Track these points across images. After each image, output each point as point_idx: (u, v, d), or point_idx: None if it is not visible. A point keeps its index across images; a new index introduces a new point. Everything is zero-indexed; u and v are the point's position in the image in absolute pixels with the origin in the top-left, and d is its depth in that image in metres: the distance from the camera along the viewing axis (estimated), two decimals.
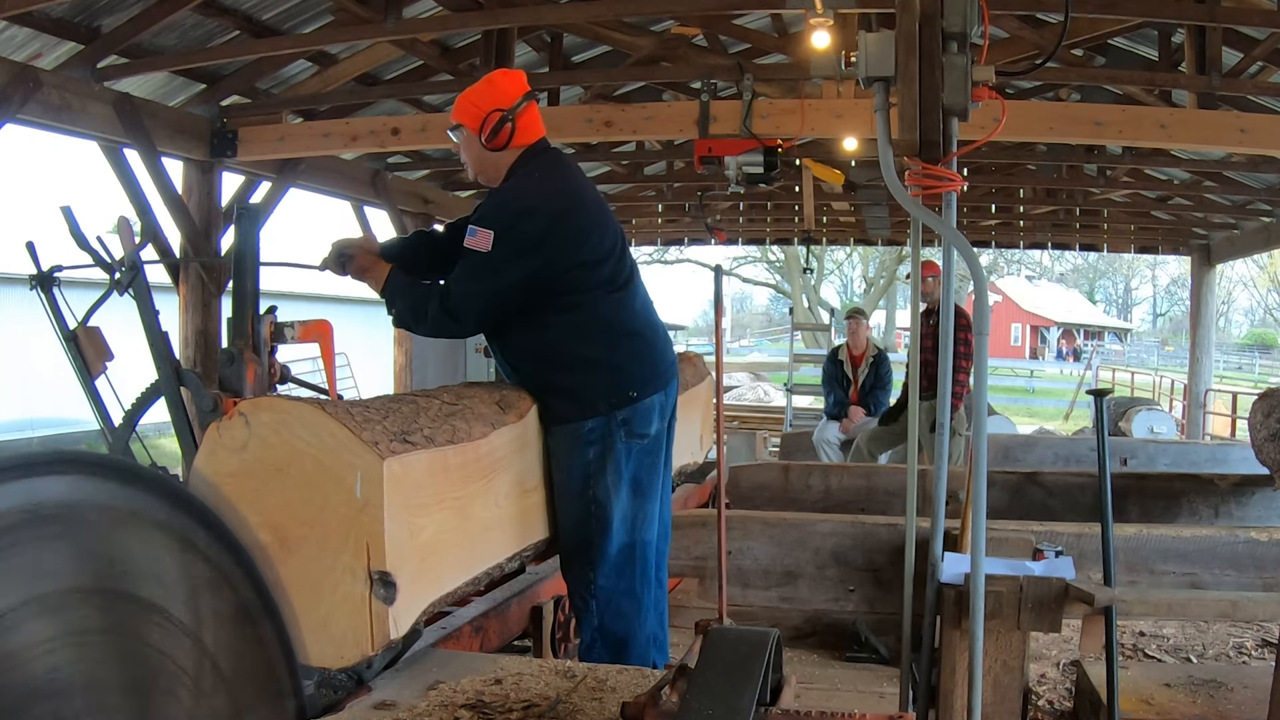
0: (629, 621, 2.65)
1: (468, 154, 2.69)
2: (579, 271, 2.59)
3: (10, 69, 4.72)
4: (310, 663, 1.91)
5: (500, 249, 2.50)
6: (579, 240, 2.58)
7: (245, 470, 1.99)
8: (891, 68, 2.37)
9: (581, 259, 2.58)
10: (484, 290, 2.55)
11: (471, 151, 2.68)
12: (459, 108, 2.68)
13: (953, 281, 2.59)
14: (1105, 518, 2.76)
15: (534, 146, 2.67)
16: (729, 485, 4.69)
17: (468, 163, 2.72)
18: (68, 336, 3.60)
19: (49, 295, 3.63)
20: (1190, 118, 5.44)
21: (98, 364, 3.63)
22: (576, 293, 2.60)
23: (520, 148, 2.65)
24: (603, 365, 2.61)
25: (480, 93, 2.65)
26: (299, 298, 14.86)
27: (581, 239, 2.58)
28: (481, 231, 2.52)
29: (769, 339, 45.72)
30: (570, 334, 2.61)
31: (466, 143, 2.67)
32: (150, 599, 1.23)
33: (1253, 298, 44.70)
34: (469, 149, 2.68)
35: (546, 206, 2.55)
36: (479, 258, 2.52)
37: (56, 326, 3.61)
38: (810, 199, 8.72)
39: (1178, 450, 6.90)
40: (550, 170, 2.66)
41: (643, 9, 5.59)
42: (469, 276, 2.55)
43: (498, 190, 2.66)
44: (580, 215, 2.60)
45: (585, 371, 2.61)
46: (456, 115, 2.68)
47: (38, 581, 1.12)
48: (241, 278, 3.29)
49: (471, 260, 2.54)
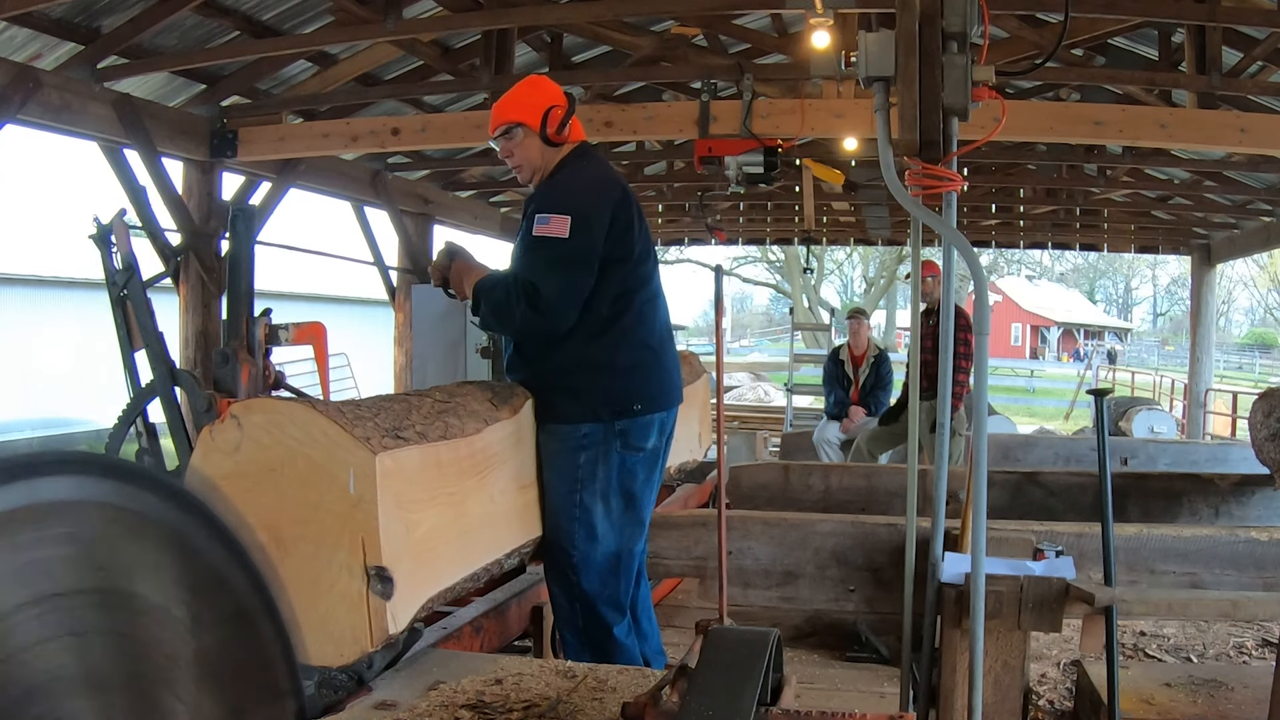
0: (611, 626, 2.66)
1: (524, 152, 2.69)
2: (622, 269, 2.60)
3: (10, 69, 4.72)
4: (310, 662, 1.91)
5: (579, 235, 2.50)
6: (624, 233, 2.61)
7: (239, 471, 2.00)
8: (891, 68, 2.37)
9: (627, 253, 2.61)
10: (574, 280, 2.52)
11: (530, 148, 2.68)
12: (511, 108, 2.68)
13: (953, 281, 2.59)
14: (1105, 517, 2.76)
15: (583, 145, 2.75)
16: (729, 485, 4.68)
17: (524, 162, 2.71)
18: (117, 300, 3.60)
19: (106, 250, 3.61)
20: (1190, 117, 5.44)
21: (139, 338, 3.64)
22: (611, 294, 2.59)
23: (574, 143, 2.71)
24: (615, 372, 2.61)
25: (530, 93, 2.69)
26: (298, 298, 14.87)
27: (627, 232, 2.61)
28: (555, 218, 2.50)
29: (769, 339, 45.72)
30: (596, 336, 2.60)
31: (524, 141, 2.68)
32: (150, 599, 1.23)
33: (1253, 297, 44.70)
34: (526, 147, 2.68)
35: (611, 192, 2.60)
36: (559, 246, 2.49)
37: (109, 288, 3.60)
38: (810, 199, 8.72)
39: (1178, 450, 6.88)
40: (602, 163, 2.76)
41: (643, 9, 5.59)
42: (554, 268, 2.50)
43: (556, 179, 2.67)
44: (631, 208, 2.65)
45: (596, 375, 2.60)
46: (511, 116, 2.68)
47: (38, 581, 1.11)
48: (237, 279, 3.29)
49: (551, 251, 2.50)
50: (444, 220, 9.63)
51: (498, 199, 10.51)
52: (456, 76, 6.45)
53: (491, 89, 5.95)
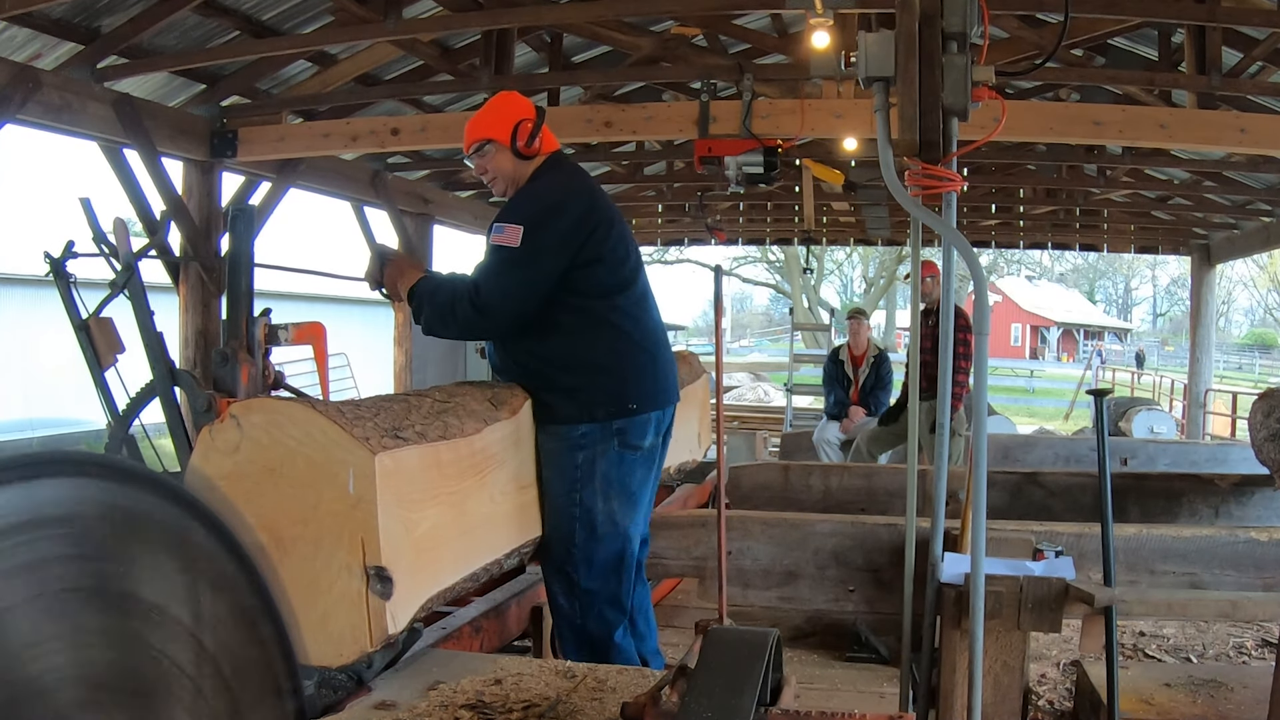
0: (612, 626, 2.67)
1: (498, 167, 2.76)
2: (600, 272, 2.64)
3: (10, 69, 4.72)
4: (310, 662, 1.91)
5: (531, 243, 2.55)
6: (601, 238, 2.64)
7: (239, 472, 2.00)
8: (891, 68, 2.36)
9: (602, 256, 2.64)
10: (516, 285, 2.57)
11: (503, 163, 2.75)
12: (481, 126, 2.76)
13: (953, 281, 2.59)
14: (1105, 518, 2.76)
15: (556, 155, 2.81)
16: (729, 485, 4.69)
17: (498, 177, 2.78)
18: (79, 326, 3.60)
19: (63, 281, 3.61)
20: (1190, 118, 5.43)
21: (108, 356, 3.63)
22: (595, 296, 2.64)
23: (545, 155, 2.77)
24: (609, 373, 2.64)
25: (499, 109, 2.77)
26: (297, 298, 14.87)
27: (603, 237, 2.65)
28: (510, 227, 2.58)
29: (769, 339, 45.73)
30: (584, 337, 2.64)
31: (496, 157, 2.75)
32: (150, 599, 1.23)
33: (1253, 298, 44.73)
34: (499, 162, 2.75)
35: (574, 203, 2.65)
36: (509, 253, 2.56)
37: (69, 314, 3.60)
38: (810, 199, 8.72)
39: (1178, 450, 6.88)
40: (572, 173, 2.81)
41: (643, 9, 5.58)
42: (500, 272, 2.58)
43: (522, 191, 2.74)
44: (601, 214, 2.69)
45: (591, 376, 2.63)
46: (482, 133, 2.75)
47: (38, 581, 1.11)
48: (236, 279, 3.28)
49: (501, 256, 2.58)
50: (444, 220, 9.63)
51: (497, 200, 10.50)
52: (456, 76, 6.45)
53: (491, 89, 5.94)
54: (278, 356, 3.51)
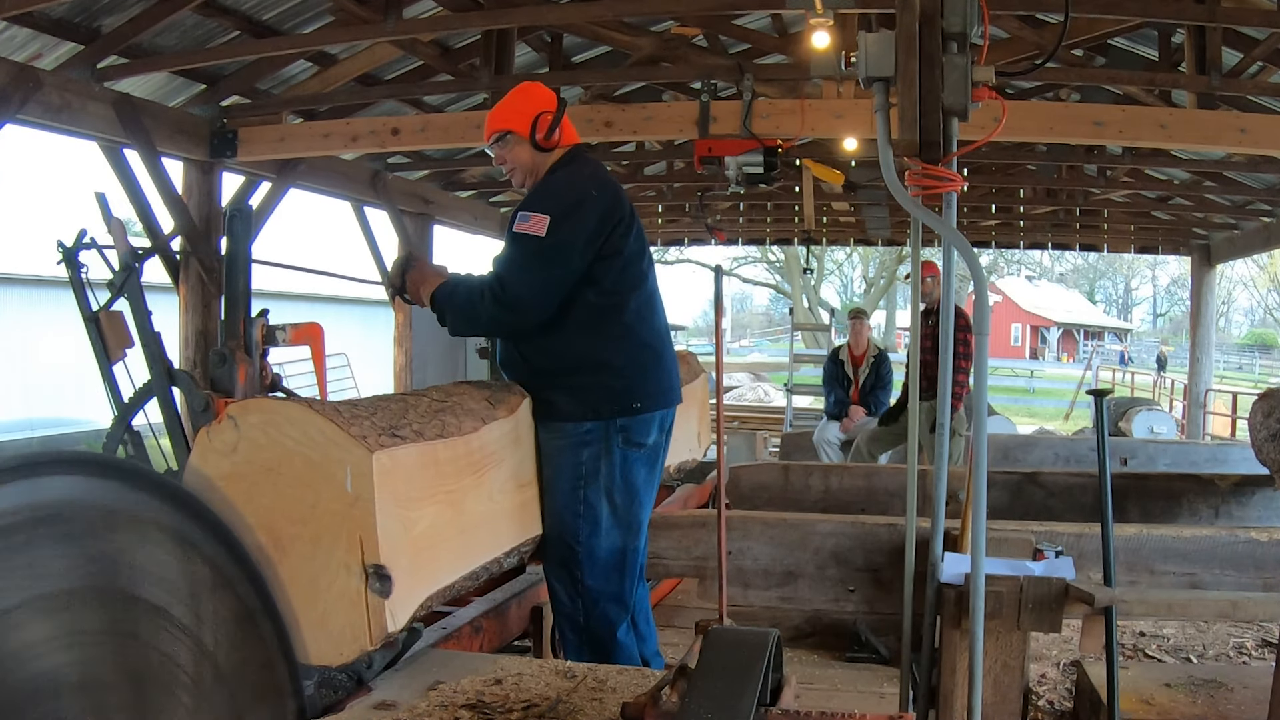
0: (615, 624, 2.66)
1: (517, 158, 2.75)
2: (618, 266, 2.63)
3: (10, 69, 4.72)
4: (310, 661, 1.91)
5: (557, 233, 2.53)
6: (623, 234, 2.64)
7: (237, 472, 2.00)
8: (891, 68, 2.36)
9: (621, 251, 2.64)
10: (544, 276, 2.54)
11: (522, 155, 2.74)
12: (501, 118, 2.75)
13: (953, 281, 2.59)
14: (1105, 518, 2.76)
15: (575, 148, 2.80)
16: (729, 485, 4.68)
17: (517, 168, 2.77)
18: (89, 318, 3.60)
19: (74, 271, 3.61)
20: (1190, 118, 5.43)
21: (117, 350, 3.64)
22: (610, 292, 2.63)
23: (565, 147, 2.76)
24: (617, 371, 2.63)
25: (521, 100, 2.76)
26: (298, 298, 14.87)
27: (625, 232, 2.65)
28: (535, 216, 2.54)
29: (769, 339, 45.73)
30: (596, 334, 2.63)
31: (515, 148, 2.74)
32: (150, 599, 1.23)
33: (1253, 298, 44.73)
34: (518, 153, 2.74)
35: (599, 193, 2.63)
36: (536, 243, 2.53)
37: (80, 305, 3.61)
38: (810, 199, 8.72)
39: (1178, 450, 6.87)
40: (594, 165, 2.79)
41: (643, 9, 5.58)
42: (525, 264, 2.55)
43: (543, 182, 2.72)
44: (624, 209, 2.68)
45: (598, 374, 2.62)
46: (502, 124, 2.75)
47: (38, 581, 1.11)
48: (234, 279, 3.29)
49: (526, 247, 2.54)
50: (444, 220, 9.63)
51: (497, 199, 10.51)
52: (456, 76, 6.45)
53: (491, 89, 5.95)
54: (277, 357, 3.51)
